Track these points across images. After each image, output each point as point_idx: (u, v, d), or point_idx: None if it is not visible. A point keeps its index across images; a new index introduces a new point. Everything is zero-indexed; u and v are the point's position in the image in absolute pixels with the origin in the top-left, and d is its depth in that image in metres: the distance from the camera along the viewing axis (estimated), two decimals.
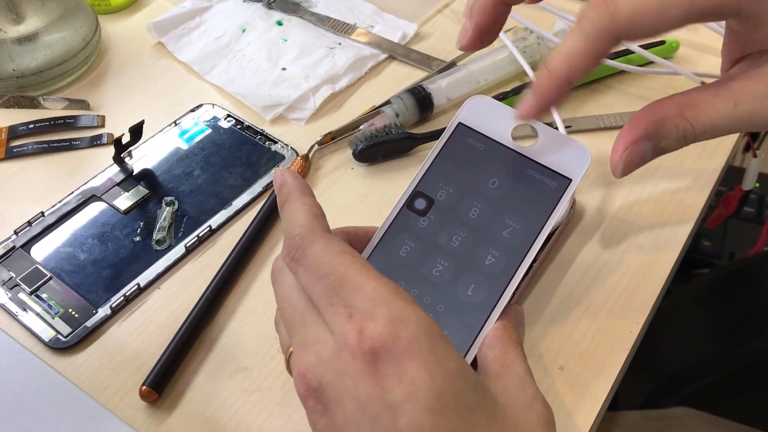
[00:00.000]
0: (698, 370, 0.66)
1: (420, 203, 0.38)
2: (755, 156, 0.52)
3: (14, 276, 0.44)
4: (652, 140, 0.31)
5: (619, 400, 0.75)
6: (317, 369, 0.29)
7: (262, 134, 0.53)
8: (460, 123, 0.39)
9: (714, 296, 0.69)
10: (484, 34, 0.35)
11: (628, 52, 0.54)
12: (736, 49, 0.33)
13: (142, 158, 0.51)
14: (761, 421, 0.64)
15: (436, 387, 0.28)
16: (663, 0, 0.28)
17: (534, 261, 0.37)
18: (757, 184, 1.06)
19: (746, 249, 0.99)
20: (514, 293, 0.36)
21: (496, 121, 0.39)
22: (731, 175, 1.06)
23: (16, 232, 0.47)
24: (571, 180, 0.37)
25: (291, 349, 0.32)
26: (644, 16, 0.29)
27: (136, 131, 0.49)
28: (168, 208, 0.48)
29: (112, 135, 0.53)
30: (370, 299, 0.29)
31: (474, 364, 0.35)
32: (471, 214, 0.38)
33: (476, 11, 0.34)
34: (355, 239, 0.38)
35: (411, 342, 0.28)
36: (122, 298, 0.43)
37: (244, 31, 0.60)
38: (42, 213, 0.48)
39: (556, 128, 0.49)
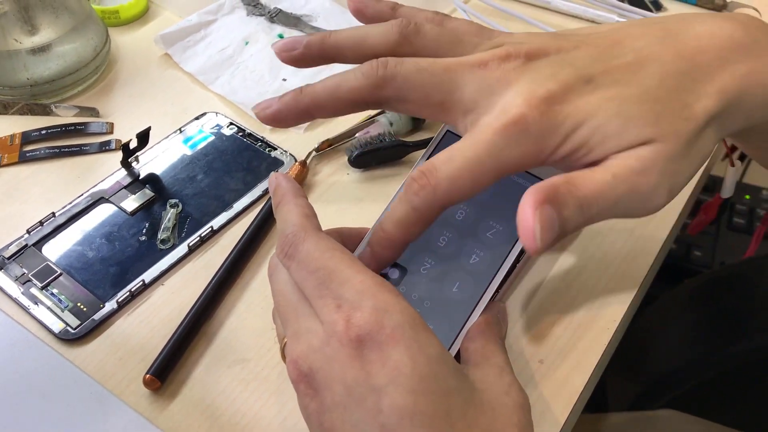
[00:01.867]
0: (684, 372, 0.68)
1: None
2: (732, 165, 0.54)
3: (26, 272, 0.47)
4: (554, 206, 0.31)
5: (608, 402, 0.77)
6: (308, 356, 0.32)
7: (262, 141, 0.55)
8: (448, 131, 0.42)
9: (699, 301, 0.71)
10: (280, 121, 0.37)
11: None
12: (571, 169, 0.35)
13: (148, 163, 0.54)
14: (745, 423, 0.66)
15: (418, 371, 0.30)
16: (474, 171, 0.32)
17: (516, 261, 0.39)
18: (748, 196, 1.09)
19: (736, 258, 1.01)
20: (497, 291, 0.39)
21: None
22: (718, 184, 1.09)
23: (28, 231, 0.49)
24: None
25: (285, 339, 0.35)
26: (461, 188, 0.32)
27: (143, 137, 0.52)
28: (172, 209, 0.50)
29: (120, 141, 0.55)
30: (357, 291, 0.31)
31: (458, 356, 0.38)
32: (457, 217, 0.40)
33: (284, 102, 0.37)
34: (348, 239, 0.41)
35: (395, 330, 0.31)
36: (128, 293, 0.46)
37: (247, 43, 0.63)
38: (53, 213, 0.50)
39: None
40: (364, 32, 0.37)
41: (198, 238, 0.49)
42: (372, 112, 0.56)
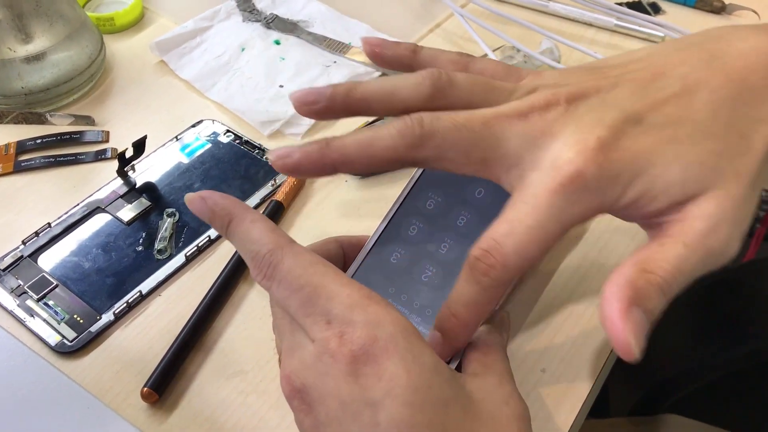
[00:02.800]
0: (685, 377, 0.67)
1: (410, 213, 0.40)
2: None
3: (22, 284, 0.46)
4: (639, 305, 0.29)
5: (610, 407, 0.76)
6: (301, 371, 0.31)
7: (260, 149, 0.55)
8: None
9: (700, 305, 0.71)
10: (300, 173, 0.34)
11: None
12: (636, 219, 0.34)
13: (144, 172, 0.53)
14: (746, 426, 0.66)
15: (413, 382, 0.30)
16: (539, 239, 0.31)
17: None
18: None
19: (737, 261, 1.01)
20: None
21: None
22: None
23: (24, 242, 0.49)
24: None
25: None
26: (529, 257, 0.31)
27: (139, 146, 0.51)
28: (169, 219, 0.50)
29: (116, 149, 0.55)
30: (346, 306, 0.31)
31: (460, 365, 0.37)
32: (458, 222, 0.40)
33: (307, 154, 0.33)
34: (349, 247, 0.40)
35: (388, 341, 0.30)
36: (125, 304, 0.45)
37: (243, 49, 0.63)
38: (48, 224, 0.50)
39: None
40: (393, 85, 0.35)
41: (195, 247, 0.48)
42: (369, 118, 0.55)
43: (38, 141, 0.56)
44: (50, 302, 0.45)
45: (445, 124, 0.32)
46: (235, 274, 0.46)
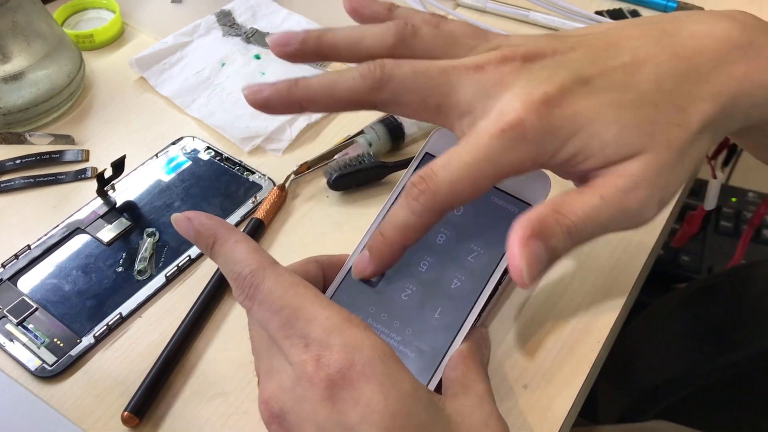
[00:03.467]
0: (674, 383, 0.68)
1: None
2: (714, 177, 0.54)
3: (2, 308, 0.46)
4: (542, 239, 0.31)
5: (599, 414, 0.76)
6: (279, 396, 0.31)
7: (240, 165, 0.55)
8: (426, 153, 0.41)
9: (687, 311, 0.71)
10: (269, 108, 0.36)
11: None
12: (568, 174, 0.35)
13: (124, 191, 0.53)
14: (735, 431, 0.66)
15: (391, 408, 0.30)
16: (473, 176, 0.32)
17: (498, 284, 0.39)
18: (734, 199, 1.09)
19: (724, 263, 1.01)
20: (479, 316, 0.38)
21: None
22: (704, 188, 1.08)
23: (3, 265, 0.48)
24: (532, 206, 0.39)
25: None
26: (460, 192, 0.32)
27: (118, 166, 0.51)
28: (149, 239, 0.50)
29: (96, 169, 0.55)
30: (324, 328, 0.31)
31: (440, 384, 0.37)
32: (437, 240, 0.40)
33: (276, 90, 0.35)
34: (328, 267, 0.40)
35: (365, 366, 0.30)
36: (105, 327, 0.45)
37: (223, 65, 0.62)
38: (28, 246, 0.49)
39: None
40: (361, 32, 0.37)
41: (175, 267, 0.48)
42: (350, 134, 0.55)
43: (18, 161, 0.55)
44: (30, 326, 0.45)
45: (404, 69, 0.34)
46: (215, 294, 0.46)
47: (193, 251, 0.49)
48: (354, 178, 0.52)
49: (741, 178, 1.17)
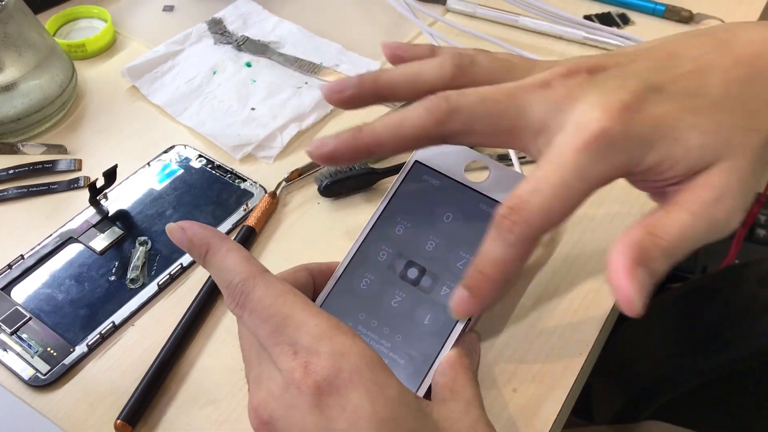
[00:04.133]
0: (666, 383, 0.68)
1: (379, 239, 0.40)
2: None
3: None
4: (644, 266, 0.31)
5: (593, 414, 0.77)
6: (268, 403, 0.32)
7: (231, 173, 0.55)
8: (416, 161, 0.42)
9: (680, 311, 0.71)
10: (336, 160, 0.36)
11: None
12: (649, 187, 0.36)
13: (117, 200, 0.53)
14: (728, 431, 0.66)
15: (378, 414, 0.30)
16: (564, 197, 0.32)
17: None
18: None
19: (718, 262, 1.02)
20: (468, 321, 0.39)
21: (450, 159, 0.42)
22: None
23: None
24: None
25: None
26: (553, 215, 0.32)
27: (110, 175, 0.52)
28: (141, 247, 0.50)
29: (88, 178, 0.55)
30: (313, 336, 0.31)
31: (430, 390, 0.38)
32: (427, 247, 0.40)
33: (342, 141, 0.35)
34: (318, 275, 0.40)
35: (353, 373, 0.30)
36: (98, 335, 0.45)
37: (214, 72, 0.63)
38: (21, 256, 0.50)
39: (510, 160, 0.52)
40: (418, 68, 0.37)
41: (168, 275, 0.48)
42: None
43: (11, 171, 0.56)
44: (24, 335, 0.45)
45: (470, 98, 0.34)
46: (207, 302, 0.46)
47: (185, 259, 0.49)
48: (344, 184, 0.53)
49: None
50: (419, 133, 0.34)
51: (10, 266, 0.49)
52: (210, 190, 0.54)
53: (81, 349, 0.45)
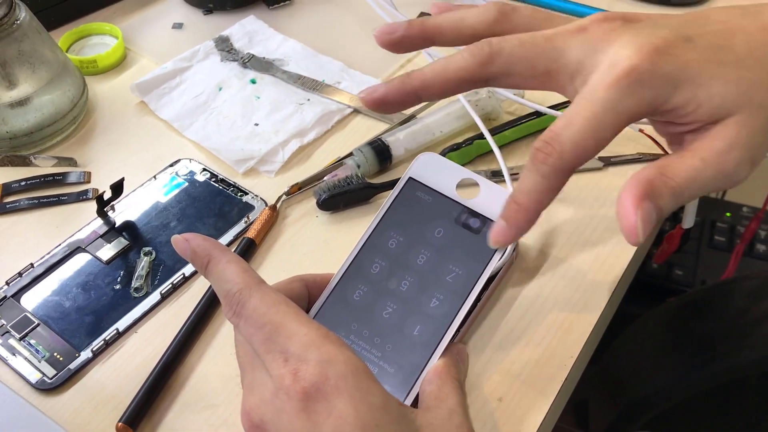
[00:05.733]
0: (658, 395, 0.69)
1: (373, 252, 0.42)
2: None
3: (5, 323, 0.48)
4: (652, 200, 0.33)
5: (589, 423, 0.78)
6: (259, 407, 0.34)
7: (234, 186, 0.57)
8: (410, 178, 0.43)
9: (672, 324, 0.73)
10: (387, 105, 0.39)
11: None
12: (669, 131, 0.38)
13: (123, 211, 0.56)
14: None
15: (361, 420, 0.32)
16: (596, 130, 0.34)
17: (476, 303, 0.41)
18: (728, 214, 1.10)
19: (717, 277, 1.03)
20: (456, 333, 0.41)
21: (443, 176, 0.43)
22: (702, 205, 1.09)
23: (7, 283, 0.51)
24: None
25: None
26: (585, 148, 0.34)
27: (117, 188, 0.54)
28: (146, 257, 0.52)
29: (97, 190, 0.57)
30: (302, 344, 0.33)
31: (416, 397, 0.39)
32: (418, 261, 0.42)
33: (392, 86, 0.38)
34: (313, 285, 0.42)
35: (338, 380, 0.32)
36: (102, 342, 0.47)
37: (220, 89, 0.65)
38: (31, 264, 0.52)
39: (503, 176, 0.54)
40: (462, 13, 0.39)
41: (170, 285, 0.50)
42: (340, 156, 0.58)
43: (23, 183, 0.58)
44: (32, 341, 0.48)
45: (511, 42, 0.36)
46: (207, 312, 0.48)
47: (187, 270, 0.51)
48: (342, 198, 0.55)
49: (736, 193, 1.18)
50: (463, 74, 0.37)
51: (20, 274, 0.51)
52: (213, 203, 0.56)
53: (86, 354, 0.47)
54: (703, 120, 0.35)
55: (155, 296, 0.50)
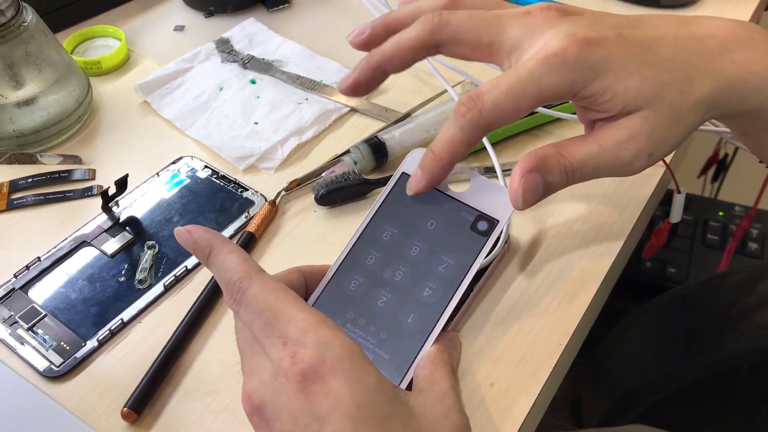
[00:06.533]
0: (649, 387, 0.71)
1: (368, 244, 0.44)
2: (678, 192, 0.58)
3: (13, 314, 0.50)
4: (541, 173, 0.37)
5: (583, 417, 0.80)
6: (259, 390, 0.35)
7: (235, 183, 0.59)
8: (403, 173, 0.45)
9: (662, 318, 0.74)
10: (360, 87, 0.43)
11: (564, 102, 0.60)
12: (588, 117, 0.40)
13: (127, 207, 0.57)
14: None
15: (357, 399, 0.33)
16: (516, 96, 0.37)
17: (468, 292, 0.43)
18: (721, 213, 1.12)
19: (710, 274, 1.04)
20: (449, 321, 0.42)
21: None
22: (696, 204, 1.11)
23: (15, 276, 0.53)
24: (498, 221, 0.43)
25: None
26: (503, 110, 0.37)
27: (121, 184, 0.55)
28: (149, 251, 0.54)
29: (101, 186, 0.59)
30: (300, 329, 0.35)
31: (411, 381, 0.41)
32: (412, 252, 0.44)
33: (359, 68, 0.42)
34: (311, 276, 0.44)
35: (335, 362, 0.34)
36: (108, 331, 0.49)
37: (221, 89, 0.67)
38: (38, 258, 0.54)
39: (495, 172, 0.55)
40: (419, 2, 0.43)
41: (173, 277, 0.52)
42: (337, 153, 0.59)
43: (29, 180, 0.60)
44: (39, 331, 0.49)
45: (460, 14, 0.40)
46: (208, 302, 0.50)
47: (190, 262, 0.53)
48: (339, 194, 0.56)
49: (728, 192, 1.20)
50: (415, 43, 0.40)
51: (27, 267, 0.53)
52: (214, 199, 0.58)
53: (92, 343, 0.49)
54: (616, 110, 0.38)
55: (158, 288, 0.52)
